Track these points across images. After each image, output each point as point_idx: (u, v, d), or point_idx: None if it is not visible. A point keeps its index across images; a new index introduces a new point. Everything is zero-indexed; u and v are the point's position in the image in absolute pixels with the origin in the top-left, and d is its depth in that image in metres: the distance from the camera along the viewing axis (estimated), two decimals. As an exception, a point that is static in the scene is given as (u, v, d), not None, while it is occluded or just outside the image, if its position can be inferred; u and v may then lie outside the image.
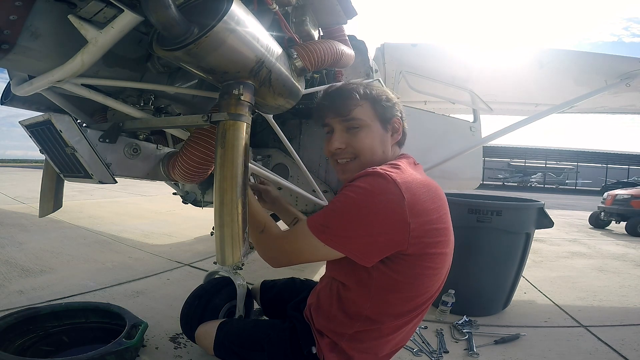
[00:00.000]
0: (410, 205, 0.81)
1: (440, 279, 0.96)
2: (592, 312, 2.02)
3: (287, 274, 1.58)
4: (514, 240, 1.90)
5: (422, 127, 2.90)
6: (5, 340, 1.18)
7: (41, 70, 0.93)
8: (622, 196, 5.86)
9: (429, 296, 0.96)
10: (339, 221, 0.84)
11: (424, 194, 0.85)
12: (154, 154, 1.25)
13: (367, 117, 0.98)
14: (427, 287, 0.93)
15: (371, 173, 0.84)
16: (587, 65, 2.74)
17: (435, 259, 0.89)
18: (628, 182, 19.68)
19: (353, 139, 0.98)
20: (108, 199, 6.10)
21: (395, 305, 0.92)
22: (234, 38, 0.84)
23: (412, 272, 0.88)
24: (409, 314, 0.95)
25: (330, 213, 0.86)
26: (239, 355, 1.09)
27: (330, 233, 0.85)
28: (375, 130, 0.98)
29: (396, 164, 0.90)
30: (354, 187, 0.84)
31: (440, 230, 0.88)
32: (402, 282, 0.89)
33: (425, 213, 0.84)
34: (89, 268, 2.30)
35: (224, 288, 1.37)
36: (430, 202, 0.86)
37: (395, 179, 0.82)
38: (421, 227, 0.83)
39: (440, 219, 0.88)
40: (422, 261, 0.87)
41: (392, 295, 0.90)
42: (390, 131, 1.01)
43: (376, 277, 0.89)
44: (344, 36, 1.49)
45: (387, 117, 0.99)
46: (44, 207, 1.42)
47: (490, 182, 25.76)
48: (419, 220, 0.82)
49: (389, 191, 0.80)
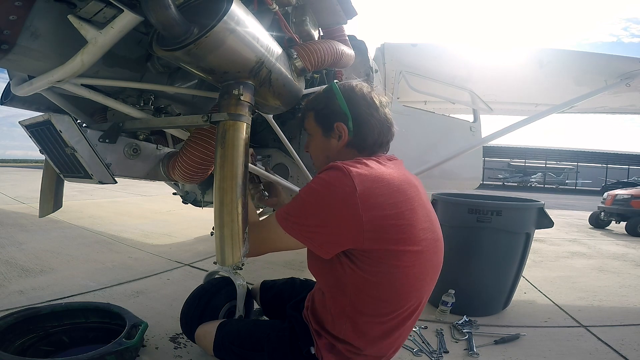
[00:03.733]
0: (362, 197, 0.82)
1: (419, 278, 0.93)
2: (592, 312, 2.02)
3: (287, 274, 1.58)
4: (514, 240, 1.90)
5: (422, 127, 2.90)
6: (5, 340, 1.18)
7: (41, 70, 0.93)
8: (622, 196, 5.85)
9: (411, 297, 0.93)
10: (298, 210, 0.89)
11: (380, 188, 0.85)
12: (154, 154, 1.25)
13: (311, 127, 1.07)
14: (402, 287, 0.91)
15: (331, 166, 0.89)
16: (587, 65, 2.74)
17: (401, 257, 0.87)
18: (628, 182, 19.64)
19: (308, 145, 1.11)
20: (108, 199, 6.09)
21: (373, 305, 0.91)
22: (234, 38, 0.84)
23: (376, 270, 0.87)
24: (392, 315, 0.93)
25: (292, 203, 0.91)
26: (239, 355, 1.10)
27: (291, 221, 0.89)
28: (318, 138, 1.06)
29: (360, 160, 0.92)
30: (315, 179, 0.90)
31: (401, 227, 0.86)
32: (370, 281, 0.88)
33: (380, 207, 0.84)
34: (89, 268, 2.30)
35: (223, 288, 1.37)
36: (388, 197, 0.85)
37: (350, 171, 0.84)
38: (376, 221, 0.83)
39: (400, 214, 0.86)
40: (386, 259, 0.87)
41: (367, 294, 0.90)
42: (336, 137, 1.02)
43: (349, 276, 0.90)
44: (344, 36, 1.49)
45: (328, 125, 1.03)
46: (44, 207, 1.42)
47: (490, 182, 25.74)
48: (373, 213, 0.83)
49: (343, 183, 0.83)
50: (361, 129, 1.00)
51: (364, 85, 1.06)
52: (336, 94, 1.02)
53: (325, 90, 1.07)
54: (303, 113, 1.11)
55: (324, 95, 1.06)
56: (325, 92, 1.06)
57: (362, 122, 1.00)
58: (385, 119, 1.03)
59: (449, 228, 1.61)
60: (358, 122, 1.00)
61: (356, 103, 1.01)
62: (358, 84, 1.05)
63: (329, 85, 1.06)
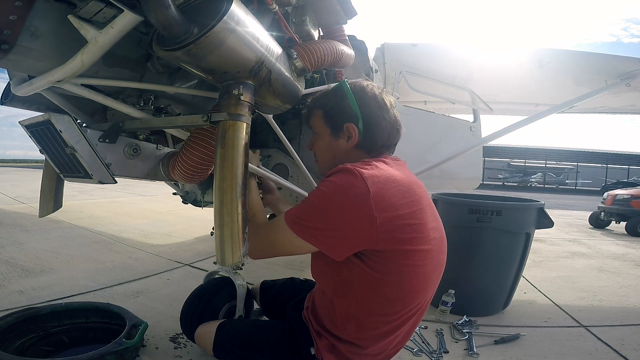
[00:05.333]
0: (376, 199, 0.82)
1: (427, 277, 0.94)
2: (592, 312, 2.02)
3: (287, 274, 1.58)
4: (514, 240, 1.90)
5: (422, 127, 2.90)
6: (5, 340, 1.18)
7: (41, 70, 0.93)
8: (622, 196, 5.85)
9: (418, 295, 0.94)
10: (310, 214, 0.88)
11: (392, 189, 0.85)
12: (154, 154, 1.25)
13: (319, 126, 1.05)
14: (410, 286, 0.91)
15: (341, 169, 0.88)
16: (587, 65, 2.73)
17: (412, 256, 0.88)
18: (628, 182, 19.64)
19: (313, 144, 1.09)
20: (108, 199, 6.09)
21: (380, 305, 0.91)
22: (233, 38, 0.84)
23: (387, 269, 0.87)
24: (399, 314, 0.93)
25: (303, 206, 0.90)
26: (239, 355, 1.10)
27: (302, 225, 0.88)
28: (325, 138, 1.04)
29: (369, 162, 0.92)
30: (326, 182, 0.88)
31: (413, 226, 0.87)
32: (380, 280, 0.88)
33: (394, 208, 0.84)
34: (89, 268, 2.30)
35: (223, 288, 1.37)
36: (400, 197, 0.86)
37: (362, 173, 0.84)
38: (389, 222, 0.83)
39: (412, 214, 0.87)
40: (397, 258, 0.87)
41: (375, 294, 0.90)
42: (344, 137, 1.01)
43: (357, 275, 0.89)
44: (344, 36, 1.49)
45: (337, 125, 1.01)
46: (44, 207, 1.42)
47: (490, 182, 25.73)
48: (387, 214, 0.83)
49: (356, 185, 0.83)
50: (372, 130, 0.99)
51: (374, 85, 1.03)
52: (347, 93, 1.00)
53: (334, 88, 1.04)
54: (309, 110, 1.08)
55: (333, 94, 1.03)
56: (335, 90, 1.03)
57: (373, 124, 0.99)
58: (395, 120, 1.02)
59: (449, 228, 1.58)
60: (369, 124, 0.98)
61: (367, 104, 0.99)
62: (369, 84, 1.03)
63: (338, 84, 1.03)
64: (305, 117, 1.11)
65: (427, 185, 1.10)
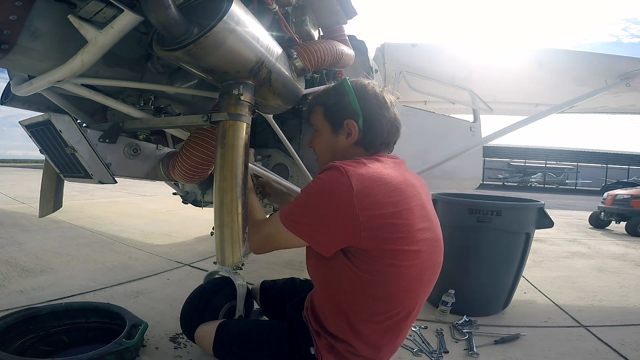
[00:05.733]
0: (359, 196, 0.83)
1: (416, 278, 0.93)
2: (592, 312, 2.02)
3: (287, 274, 1.58)
4: (514, 240, 1.90)
5: (422, 127, 2.90)
6: (5, 340, 1.18)
7: (41, 70, 0.93)
8: (622, 196, 5.85)
9: (408, 296, 0.93)
10: (299, 209, 0.91)
11: (378, 187, 0.86)
12: (154, 154, 1.25)
13: (319, 122, 1.06)
14: (398, 286, 0.90)
15: (330, 167, 0.90)
16: (587, 65, 2.73)
17: (397, 256, 0.87)
18: (628, 182, 19.62)
19: (313, 140, 1.10)
20: (108, 199, 6.09)
21: (368, 304, 0.91)
22: (233, 38, 0.84)
23: (373, 269, 0.88)
24: (388, 314, 0.92)
25: (295, 201, 0.93)
26: (239, 355, 1.10)
27: (292, 219, 0.91)
28: (325, 134, 1.05)
29: (360, 160, 0.93)
30: (316, 178, 0.91)
31: (398, 226, 0.86)
32: (366, 279, 0.89)
33: (378, 206, 0.84)
34: (89, 268, 2.30)
35: (224, 288, 1.37)
36: (386, 196, 0.86)
37: (347, 171, 0.85)
38: (372, 220, 0.84)
39: (397, 214, 0.86)
40: (382, 257, 0.87)
41: (362, 292, 0.90)
42: (344, 134, 1.01)
43: (344, 272, 0.90)
44: (344, 36, 1.49)
45: (337, 121, 1.01)
46: (44, 207, 1.42)
47: (490, 182, 25.73)
48: (370, 212, 0.83)
49: (341, 182, 0.85)
50: (371, 128, 1.00)
51: (375, 84, 1.05)
52: (348, 91, 1.01)
53: (335, 86, 1.06)
54: (310, 107, 1.09)
55: (334, 91, 1.04)
56: (336, 88, 1.04)
57: (372, 121, 1.00)
58: (394, 118, 1.03)
59: (449, 228, 1.60)
60: (369, 121, 0.99)
61: (368, 101, 1.00)
62: (370, 82, 1.04)
63: (340, 82, 1.04)
64: (305, 114, 1.12)
65: (427, 185, 1.10)
